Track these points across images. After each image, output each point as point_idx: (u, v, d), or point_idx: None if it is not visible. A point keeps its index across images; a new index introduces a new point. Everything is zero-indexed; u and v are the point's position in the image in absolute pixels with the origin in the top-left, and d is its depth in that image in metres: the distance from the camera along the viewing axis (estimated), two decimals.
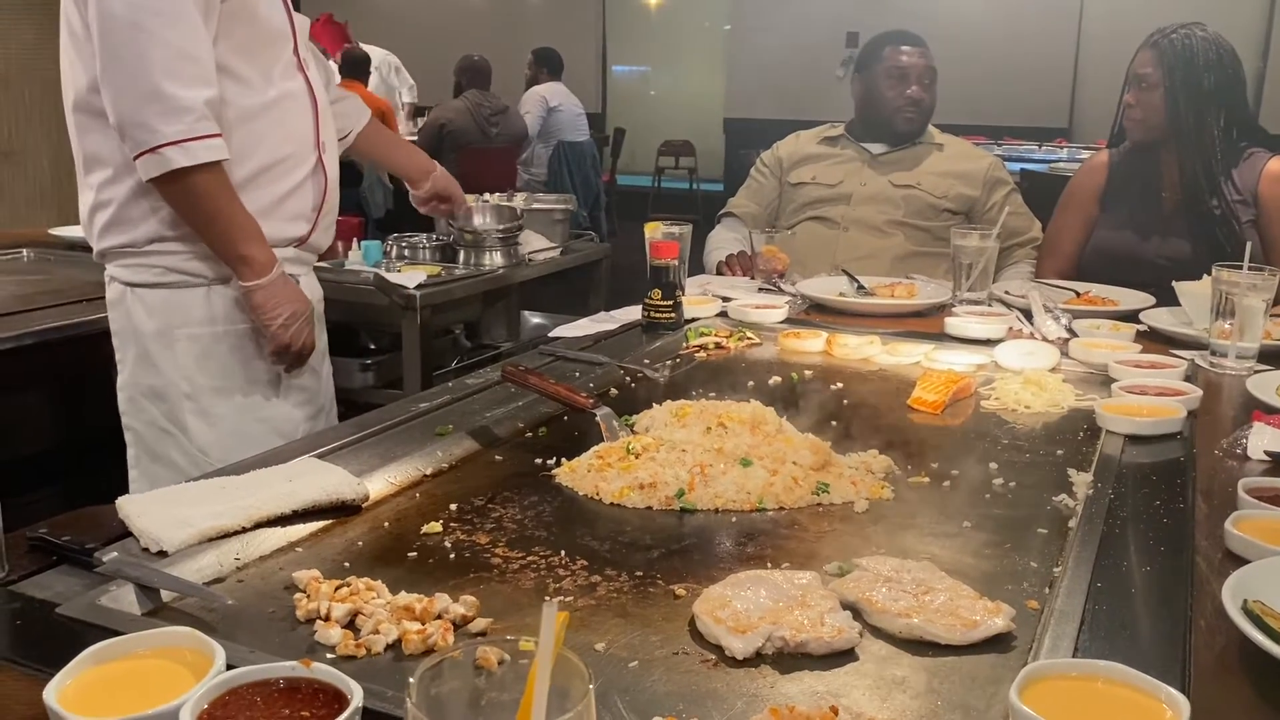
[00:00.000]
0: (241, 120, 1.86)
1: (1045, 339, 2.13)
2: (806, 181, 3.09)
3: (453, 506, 1.29)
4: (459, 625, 0.99)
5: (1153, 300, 2.39)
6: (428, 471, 1.41)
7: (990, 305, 2.43)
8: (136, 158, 1.75)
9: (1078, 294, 2.50)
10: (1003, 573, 1.15)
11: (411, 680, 0.55)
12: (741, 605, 1.00)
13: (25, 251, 3.16)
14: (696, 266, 2.98)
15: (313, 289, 2.09)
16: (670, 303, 2.20)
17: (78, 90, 1.83)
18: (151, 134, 1.72)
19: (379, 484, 1.34)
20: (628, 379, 1.89)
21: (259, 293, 1.86)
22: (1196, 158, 2.58)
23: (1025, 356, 1.98)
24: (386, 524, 1.24)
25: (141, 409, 1.94)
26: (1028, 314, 2.29)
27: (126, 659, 0.86)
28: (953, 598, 1.03)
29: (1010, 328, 2.20)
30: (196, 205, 1.81)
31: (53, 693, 0.80)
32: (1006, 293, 2.49)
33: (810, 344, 2.10)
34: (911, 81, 3.01)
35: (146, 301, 1.90)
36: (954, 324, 2.18)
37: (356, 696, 0.80)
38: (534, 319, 4.12)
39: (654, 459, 1.39)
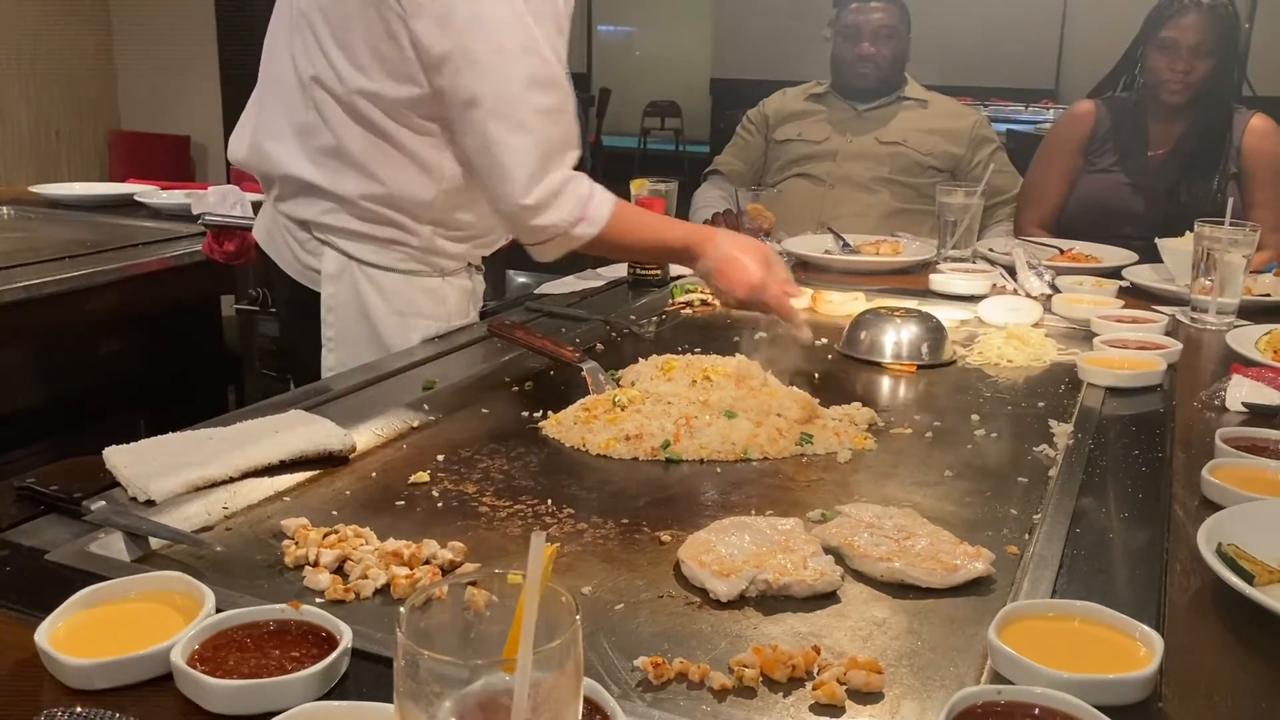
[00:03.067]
0: None
1: (1028, 295, 2.14)
2: (792, 138, 3.09)
3: (440, 457, 1.30)
4: (447, 570, 1.00)
5: (1135, 257, 2.41)
6: (414, 424, 1.41)
7: (974, 262, 2.44)
8: (538, 245, 1.68)
9: (1061, 251, 2.51)
10: (983, 520, 1.17)
11: (402, 610, 0.56)
12: (725, 550, 1.02)
13: (5, 209, 3.13)
14: None
15: (476, 288, 1.92)
16: None
17: (343, 77, 1.65)
18: (550, 228, 1.64)
19: (366, 436, 1.34)
20: (614, 335, 1.89)
21: (707, 278, 1.76)
22: (1218, 122, 2.62)
23: (1009, 312, 1.99)
24: (374, 474, 1.25)
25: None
26: (1011, 270, 2.30)
27: (117, 602, 0.87)
28: (933, 543, 1.05)
29: (994, 284, 2.22)
30: (619, 251, 1.83)
31: (44, 634, 0.81)
32: (991, 250, 2.50)
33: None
34: (863, 38, 3.00)
35: (379, 283, 1.76)
36: (938, 281, 2.19)
37: (346, 637, 0.81)
38: (519, 278, 4.10)
39: (640, 411, 1.40)
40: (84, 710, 0.61)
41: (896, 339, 1.74)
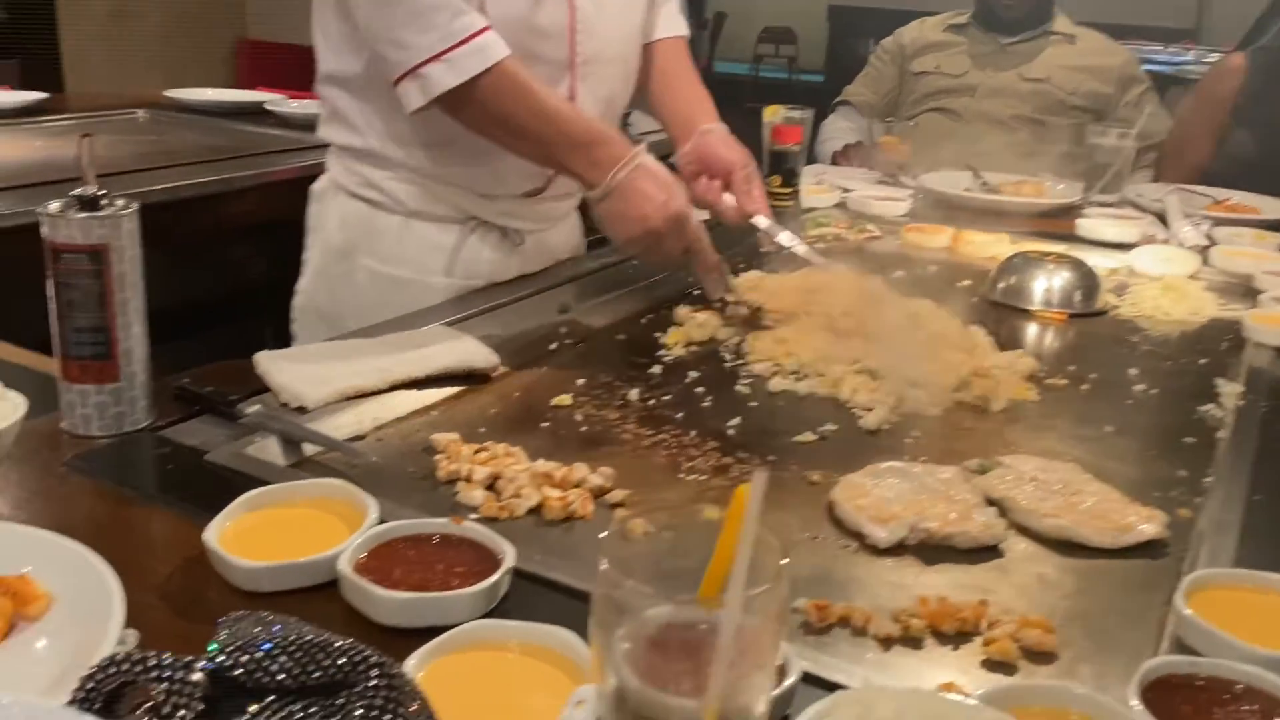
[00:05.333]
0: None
1: (1182, 245, 2.03)
2: (929, 71, 2.97)
3: (580, 381, 1.28)
4: (597, 495, 0.99)
5: None
6: (552, 347, 1.40)
7: (1122, 208, 2.32)
8: (396, 84, 1.39)
9: (1216, 200, 2.37)
10: (1149, 480, 1.11)
11: (601, 537, 0.55)
12: (883, 495, 0.98)
13: (140, 112, 3.19)
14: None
15: (571, 235, 1.68)
16: (790, 190, 2.14)
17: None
18: (406, 49, 1.36)
19: (504, 356, 1.32)
20: (742, 265, 1.84)
21: (597, 209, 1.45)
22: None
23: (1163, 263, 1.89)
24: (516, 394, 1.24)
25: (311, 326, 1.64)
26: (1162, 218, 2.18)
27: (280, 506, 0.88)
28: (1102, 500, 1.00)
29: (1144, 233, 2.10)
30: (487, 124, 1.42)
31: (213, 534, 0.81)
32: (1140, 195, 2.38)
33: (935, 239, 2.03)
34: None
35: (344, 211, 1.57)
36: (1086, 226, 2.09)
37: (509, 556, 0.80)
38: None
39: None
40: (270, 615, 0.61)
41: (1048, 285, 1.67)
